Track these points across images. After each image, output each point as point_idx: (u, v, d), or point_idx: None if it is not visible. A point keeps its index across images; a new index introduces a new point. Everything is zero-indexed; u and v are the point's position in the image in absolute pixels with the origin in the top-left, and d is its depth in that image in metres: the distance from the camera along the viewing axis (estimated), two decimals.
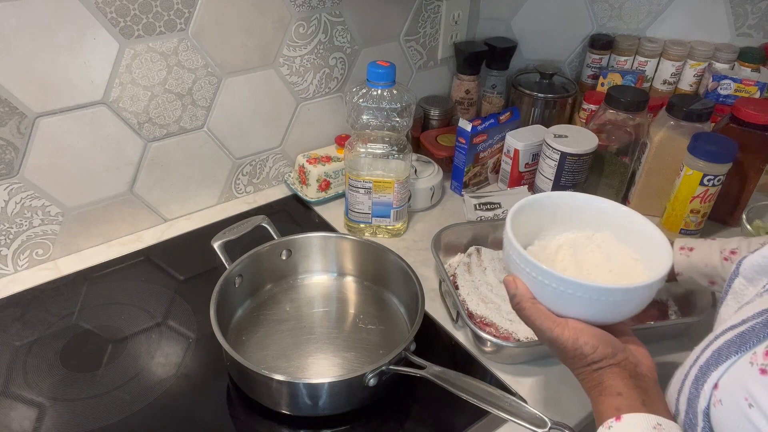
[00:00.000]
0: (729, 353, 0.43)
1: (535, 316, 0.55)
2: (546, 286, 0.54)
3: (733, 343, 0.44)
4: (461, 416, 0.69)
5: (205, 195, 1.05)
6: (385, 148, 0.92)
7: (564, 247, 0.62)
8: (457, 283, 0.86)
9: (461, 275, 0.87)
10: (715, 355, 0.45)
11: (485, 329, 0.78)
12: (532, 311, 0.55)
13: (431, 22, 1.18)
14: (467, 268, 0.88)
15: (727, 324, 0.47)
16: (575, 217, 0.64)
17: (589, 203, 0.64)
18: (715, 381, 0.44)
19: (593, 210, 0.63)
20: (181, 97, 0.92)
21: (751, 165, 0.98)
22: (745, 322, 0.45)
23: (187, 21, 0.87)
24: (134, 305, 0.84)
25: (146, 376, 0.74)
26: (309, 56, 1.03)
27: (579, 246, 0.62)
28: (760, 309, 0.45)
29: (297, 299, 0.86)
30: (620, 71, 1.19)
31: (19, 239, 0.87)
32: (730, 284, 0.55)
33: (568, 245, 0.62)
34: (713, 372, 0.44)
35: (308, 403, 0.67)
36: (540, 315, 0.55)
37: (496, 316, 0.79)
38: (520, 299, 0.56)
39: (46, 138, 0.82)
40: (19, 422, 0.68)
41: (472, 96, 1.25)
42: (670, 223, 1.00)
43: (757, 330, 0.43)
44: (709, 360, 0.45)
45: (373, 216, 0.98)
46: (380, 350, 0.77)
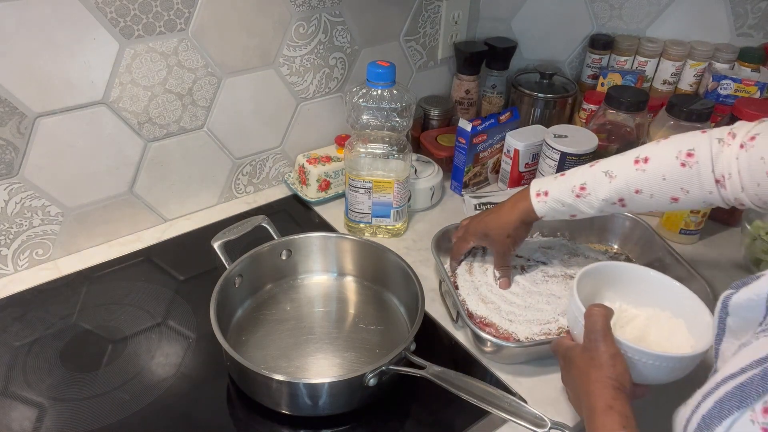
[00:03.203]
0: (731, 408, 0.44)
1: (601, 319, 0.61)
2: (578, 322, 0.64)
3: (733, 396, 0.44)
4: (461, 416, 0.69)
5: (205, 195, 1.05)
6: (385, 148, 0.92)
7: (640, 318, 0.70)
8: (457, 283, 0.87)
9: (462, 275, 0.88)
10: (717, 407, 0.45)
11: (485, 329, 0.78)
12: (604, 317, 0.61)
13: (431, 22, 1.18)
14: (469, 268, 0.88)
15: (727, 371, 0.47)
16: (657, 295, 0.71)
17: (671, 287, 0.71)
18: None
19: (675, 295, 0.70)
20: (181, 97, 0.92)
21: None
22: (744, 371, 0.45)
23: (187, 21, 0.87)
24: (134, 305, 0.84)
25: (146, 376, 0.74)
26: (309, 56, 1.04)
27: (653, 321, 0.70)
28: (758, 356, 0.45)
29: (297, 299, 0.86)
30: (620, 71, 1.19)
31: (19, 239, 0.87)
32: (723, 323, 0.55)
33: (645, 316, 0.70)
34: (717, 427, 0.44)
35: (308, 403, 0.67)
36: (606, 321, 0.61)
37: (496, 317, 0.80)
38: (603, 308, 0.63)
39: (46, 138, 0.82)
40: (19, 422, 0.68)
41: (472, 96, 1.25)
42: (670, 223, 1.00)
43: (756, 383, 0.43)
44: (711, 412, 0.46)
45: (373, 216, 0.98)
46: (380, 350, 0.77)
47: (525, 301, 0.83)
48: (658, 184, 0.71)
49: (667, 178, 0.70)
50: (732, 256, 0.98)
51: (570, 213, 0.77)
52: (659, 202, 0.72)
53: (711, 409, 0.46)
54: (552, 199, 0.77)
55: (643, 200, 0.73)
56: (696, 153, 0.68)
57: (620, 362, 0.59)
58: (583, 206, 0.76)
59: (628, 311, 0.71)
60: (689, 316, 0.68)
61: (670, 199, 0.71)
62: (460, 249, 0.88)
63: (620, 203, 0.74)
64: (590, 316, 0.62)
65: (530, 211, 0.78)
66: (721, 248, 1.01)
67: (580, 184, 0.75)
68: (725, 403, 0.45)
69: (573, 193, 0.75)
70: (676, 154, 0.70)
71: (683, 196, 0.70)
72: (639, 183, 0.72)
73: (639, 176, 0.71)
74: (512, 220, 0.80)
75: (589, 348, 0.61)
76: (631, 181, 0.72)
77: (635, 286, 0.72)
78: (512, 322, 0.79)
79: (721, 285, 0.90)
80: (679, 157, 0.69)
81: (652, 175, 0.71)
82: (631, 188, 0.72)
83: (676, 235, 1.00)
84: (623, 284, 0.73)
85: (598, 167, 0.75)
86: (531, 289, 0.85)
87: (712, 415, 0.45)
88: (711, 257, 0.98)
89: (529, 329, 0.78)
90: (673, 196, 0.71)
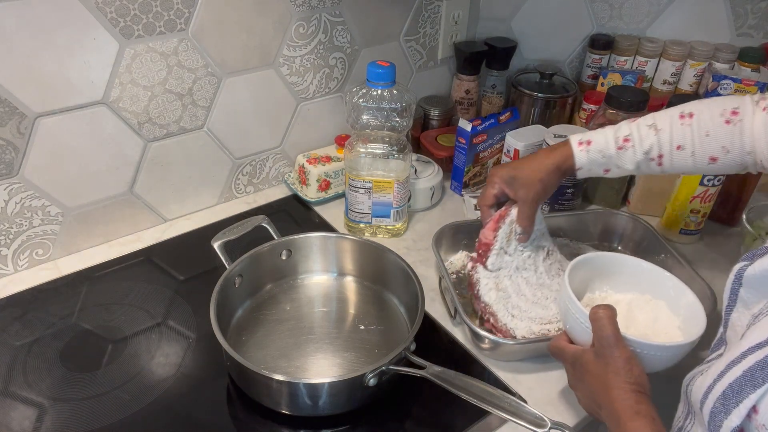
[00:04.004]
0: (764, 376, 0.44)
1: (610, 324, 0.59)
2: (580, 324, 0.64)
3: (765, 365, 0.45)
4: (461, 416, 0.70)
5: (205, 195, 1.05)
6: (385, 148, 0.92)
7: (622, 303, 0.71)
8: (489, 253, 0.80)
9: (501, 239, 0.80)
10: (747, 375, 0.46)
11: (486, 316, 0.78)
12: (611, 319, 0.60)
13: (431, 22, 1.18)
14: (507, 237, 0.80)
15: (753, 340, 0.48)
16: (637, 280, 0.73)
17: (651, 270, 0.72)
18: (752, 403, 0.44)
19: (653, 277, 0.72)
20: (181, 97, 0.92)
21: None
22: None
23: (187, 21, 0.87)
24: (134, 305, 0.84)
25: (146, 376, 0.74)
26: (309, 56, 1.04)
27: (635, 306, 0.71)
28: None
29: (297, 299, 0.86)
30: (620, 71, 1.19)
31: (19, 239, 0.87)
32: (736, 294, 0.56)
33: (626, 302, 0.72)
34: (750, 394, 0.44)
35: (308, 403, 0.67)
36: (615, 324, 0.60)
37: (501, 308, 0.78)
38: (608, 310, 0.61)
39: (46, 138, 0.82)
40: (19, 422, 0.68)
41: (472, 96, 1.25)
42: (670, 223, 1.00)
43: None
44: (741, 380, 0.46)
45: (373, 216, 0.98)
46: (380, 350, 0.77)
47: (535, 295, 0.81)
48: (700, 140, 0.71)
49: (710, 134, 0.70)
50: (732, 256, 0.98)
51: (606, 167, 0.76)
52: (697, 162, 0.72)
53: (740, 378, 0.46)
54: (594, 149, 0.75)
55: (682, 159, 0.72)
56: (741, 111, 0.69)
57: (636, 364, 0.58)
58: (622, 160, 0.75)
59: (609, 298, 0.73)
60: (670, 297, 0.70)
61: (708, 159, 0.71)
62: (486, 195, 0.81)
63: (659, 160, 0.73)
64: (598, 320, 0.60)
65: (569, 158, 0.76)
66: (721, 248, 1.01)
67: (624, 135, 0.74)
68: (757, 372, 0.45)
69: (616, 144, 0.74)
70: (721, 111, 0.70)
71: (723, 157, 0.70)
72: (682, 138, 0.71)
73: (683, 131, 0.71)
74: (547, 163, 0.76)
75: (603, 354, 0.59)
76: (675, 135, 0.71)
77: (616, 274, 0.74)
78: (514, 317, 0.78)
79: (721, 285, 0.90)
80: (723, 115, 0.70)
81: (696, 130, 0.71)
82: (673, 143, 0.72)
83: (676, 235, 1.00)
84: (604, 273, 0.74)
85: (642, 121, 0.74)
86: (545, 281, 0.83)
87: (742, 384, 0.46)
88: (711, 257, 0.98)
89: (528, 328, 0.77)
90: (713, 156, 0.71)
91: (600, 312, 0.60)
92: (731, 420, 0.45)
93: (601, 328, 0.59)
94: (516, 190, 0.78)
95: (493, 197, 0.81)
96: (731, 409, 0.46)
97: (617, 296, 0.73)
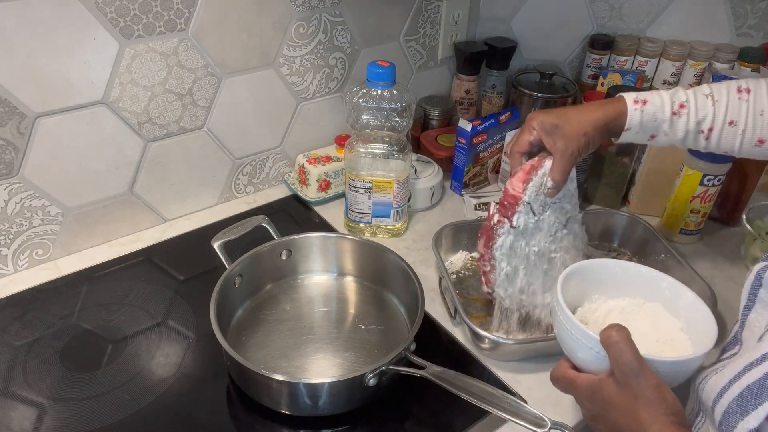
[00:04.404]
0: None
1: (629, 348, 0.52)
2: (589, 350, 0.56)
3: None
4: (461, 416, 0.70)
5: (205, 195, 1.05)
6: (385, 148, 0.92)
7: (614, 312, 0.65)
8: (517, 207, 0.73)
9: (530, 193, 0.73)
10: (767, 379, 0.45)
11: (486, 266, 0.77)
12: (628, 343, 0.52)
13: (431, 22, 1.18)
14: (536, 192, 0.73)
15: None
16: (627, 285, 0.67)
17: (641, 273, 0.67)
18: None
19: (644, 280, 0.66)
20: (181, 97, 0.92)
21: (751, 165, 0.98)
22: None
23: (187, 21, 0.87)
24: (134, 305, 0.84)
25: (146, 376, 0.74)
26: (309, 56, 1.04)
27: (629, 312, 0.65)
28: None
29: (297, 299, 0.86)
30: (620, 71, 1.19)
31: (19, 239, 0.87)
32: (755, 294, 0.55)
33: (618, 311, 0.65)
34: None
35: (308, 403, 0.67)
36: (634, 348, 0.52)
37: (503, 277, 0.76)
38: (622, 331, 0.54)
39: (46, 138, 0.82)
40: (19, 422, 0.68)
41: (472, 96, 1.25)
42: (670, 223, 1.00)
43: None
44: (761, 383, 0.45)
45: (373, 216, 0.98)
46: (380, 350, 0.77)
47: (544, 283, 0.77)
48: (753, 118, 0.69)
49: (765, 114, 0.69)
50: (732, 256, 0.98)
51: (654, 132, 0.73)
52: (745, 142, 0.70)
53: (760, 380, 0.45)
54: (648, 110, 0.71)
55: (731, 136, 0.71)
56: None
57: (667, 391, 0.51)
58: (674, 127, 0.72)
59: (599, 308, 0.66)
60: (666, 298, 0.65)
61: (757, 140, 0.70)
62: (521, 142, 0.74)
63: (708, 133, 0.71)
64: (614, 345, 0.52)
65: (621, 115, 0.71)
66: (721, 248, 1.01)
67: (681, 101, 0.71)
68: None
69: (672, 108, 0.71)
70: None
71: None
72: (737, 113, 0.70)
73: (740, 105, 0.70)
74: (596, 117, 0.71)
75: (628, 384, 0.51)
76: (731, 108, 0.70)
77: (604, 281, 0.67)
78: (507, 290, 0.76)
79: (721, 285, 0.90)
80: None
81: (751, 107, 0.69)
82: (727, 117, 0.70)
83: (676, 235, 1.00)
84: (594, 282, 0.67)
85: (698, 90, 0.72)
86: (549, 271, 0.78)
87: (762, 387, 0.45)
88: (711, 257, 0.98)
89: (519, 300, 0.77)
90: (762, 138, 0.69)
91: (613, 335, 0.52)
92: (748, 422, 0.44)
93: (620, 354, 0.52)
94: (555, 140, 0.71)
95: (528, 144, 0.74)
96: (749, 411, 0.45)
97: (609, 304, 0.67)
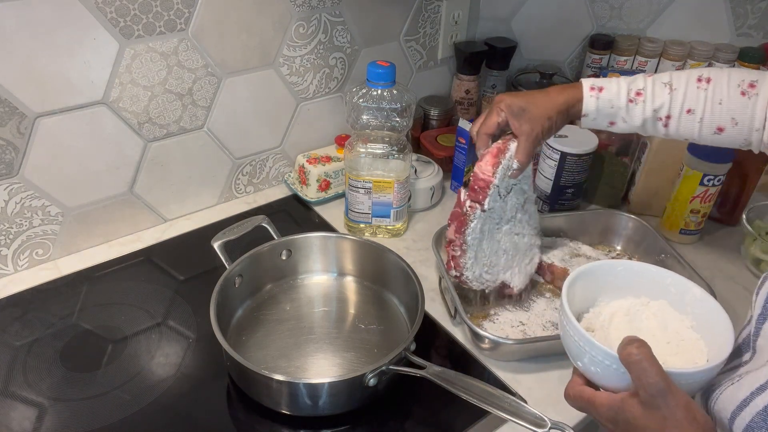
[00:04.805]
0: None
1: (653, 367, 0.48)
2: (607, 366, 0.52)
3: None
4: (461, 416, 0.70)
5: (205, 195, 1.05)
6: (385, 148, 0.92)
7: (618, 315, 0.61)
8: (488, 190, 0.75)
9: (499, 176, 0.74)
10: None
11: (455, 250, 0.77)
12: (651, 360, 0.48)
13: (431, 22, 1.18)
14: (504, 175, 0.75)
15: None
16: (629, 284, 0.64)
17: (644, 270, 0.64)
18: None
19: (647, 278, 0.63)
20: (181, 97, 0.92)
21: (751, 165, 0.98)
22: None
23: (187, 21, 0.87)
24: (134, 305, 0.84)
25: (146, 376, 0.74)
26: (309, 56, 1.04)
27: (634, 314, 0.62)
28: None
29: (297, 299, 0.86)
30: (620, 71, 1.19)
31: (19, 239, 0.87)
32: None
33: (623, 312, 0.61)
34: None
35: (308, 403, 0.67)
36: (658, 365, 0.48)
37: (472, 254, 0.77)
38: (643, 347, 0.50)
39: (46, 138, 0.82)
40: (19, 422, 0.68)
41: (472, 96, 1.25)
42: (670, 223, 1.00)
43: None
44: None
45: (373, 216, 0.98)
46: (380, 350, 0.77)
47: (506, 262, 0.81)
48: (711, 107, 0.70)
49: (723, 103, 0.69)
50: (732, 256, 0.98)
51: (612, 119, 0.74)
52: (703, 130, 0.71)
53: None
54: (604, 97, 0.73)
55: (689, 123, 0.71)
56: (759, 85, 0.68)
57: (696, 410, 0.48)
58: (630, 114, 0.73)
59: (603, 310, 0.63)
60: (671, 294, 0.62)
61: (716, 129, 0.70)
62: (489, 123, 0.76)
63: (666, 120, 0.72)
64: (637, 364, 0.48)
65: (578, 101, 0.74)
66: (721, 248, 1.01)
67: (638, 88, 0.72)
68: None
69: (628, 96, 0.73)
70: (739, 81, 0.69)
71: (730, 128, 0.70)
72: (695, 102, 0.70)
73: (698, 94, 0.70)
74: (559, 102, 0.74)
75: (655, 405, 0.48)
76: (688, 97, 0.70)
77: (608, 282, 0.64)
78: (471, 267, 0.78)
79: (721, 285, 0.91)
80: (741, 86, 0.69)
81: (710, 96, 0.70)
82: (684, 106, 0.71)
83: (676, 235, 1.00)
84: (597, 285, 0.64)
85: (657, 78, 0.73)
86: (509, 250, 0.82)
87: None
88: (711, 257, 0.98)
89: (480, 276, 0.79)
90: (720, 126, 0.70)
91: (634, 353, 0.49)
92: None
93: (644, 374, 0.48)
94: (521, 123, 0.74)
95: (496, 125, 0.75)
96: None
97: (612, 305, 0.63)
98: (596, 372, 0.54)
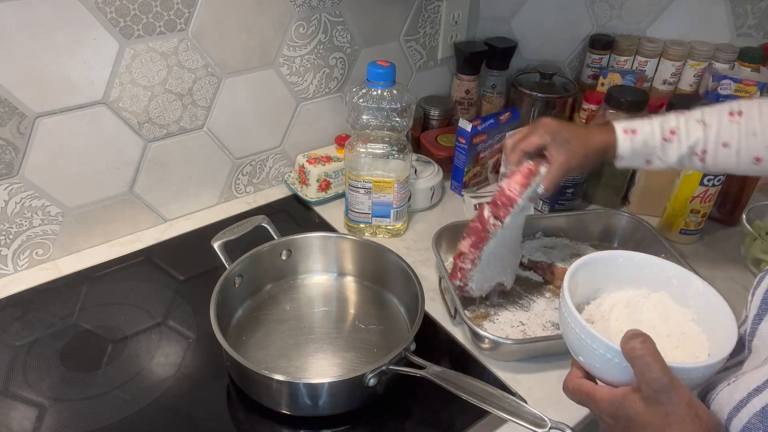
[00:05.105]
0: None
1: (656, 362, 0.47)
2: (608, 360, 0.51)
3: None
4: (461, 416, 0.70)
5: (205, 195, 1.05)
6: (385, 148, 0.92)
7: (618, 306, 0.60)
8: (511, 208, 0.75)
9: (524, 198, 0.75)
10: None
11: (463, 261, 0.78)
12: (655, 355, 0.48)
13: (431, 22, 1.18)
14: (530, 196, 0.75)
15: None
16: (631, 276, 0.63)
17: (645, 262, 0.63)
18: None
19: (649, 269, 0.62)
20: (181, 97, 0.92)
21: None
22: None
23: (187, 21, 0.87)
24: (134, 305, 0.84)
25: (146, 376, 0.74)
26: (309, 56, 1.04)
27: (635, 305, 0.61)
28: None
29: (297, 299, 0.86)
30: (620, 71, 1.19)
31: (19, 239, 0.87)
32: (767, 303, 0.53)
33: (623, 304, 0.61)
34: None
35: (308, 403, 0.67)
36: (661, 360, 0.48)
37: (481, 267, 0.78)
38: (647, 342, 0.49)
39: (46, 138, 0.82)
40: (19, 422, 0.68)
41: (472, 96, 1.25)
42: (670, 223, 1.00)
43: None
44: None
45: (373, 216, 0.98)
46: (380, 350, 0.77)
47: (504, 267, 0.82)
48: (746, 139, 0.70)
49: (758, 134, 0.70)
50: (732, 256, 0.98)
51: (648, 158, 0.75)
52: (741, 162, 0.72)
53: None
54: (638, 139, 0.74)
55: (726, 157, 0.72)
56: None
57: (699, 407, 0.47)
58: (666, 152, 0.74)
59: (604, 302, 0.62)
60: (673, 286, 0.61)
61: (753, 159, 0.71)
62: (530, 142, 0.75)
63: (702, 155, 0.73)
64: (640, 359, 0.48)
65: (612, 146, 0.75)
66: (721, 248, 1.01)
67: (671, 127, 0.73)
68: None
69: (662, 135, 0.73)
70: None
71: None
72: (729, 135, 0.71)
73: (732, 128, 0.71)
74: (597, 142, 0.75)
75: (658, 401, 0.47)
76: (723, 132, 0.71)
77: (608, 273, 0.63)
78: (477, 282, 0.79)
79: (721, 285, 0.90)
80: None
81: (744, 129, 0.71)
82: (719, 140, 0.71)
83: (676, 235, 1.00)
84: (598, 276, 0.63)
85: (690, 115, 0.74)
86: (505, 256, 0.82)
87: None
88: (711, 257, 0.98)
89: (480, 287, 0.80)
90: (758, 156, 0.71)
91: (637, 347, 0.48)
92: None
93: (647, 369, 0.47)
94: (560, 153, 0.74)
95: (535, 146, 0.76)
96: None
97: (613, 296, 0.62)
98: (597, 365, 0.53)
